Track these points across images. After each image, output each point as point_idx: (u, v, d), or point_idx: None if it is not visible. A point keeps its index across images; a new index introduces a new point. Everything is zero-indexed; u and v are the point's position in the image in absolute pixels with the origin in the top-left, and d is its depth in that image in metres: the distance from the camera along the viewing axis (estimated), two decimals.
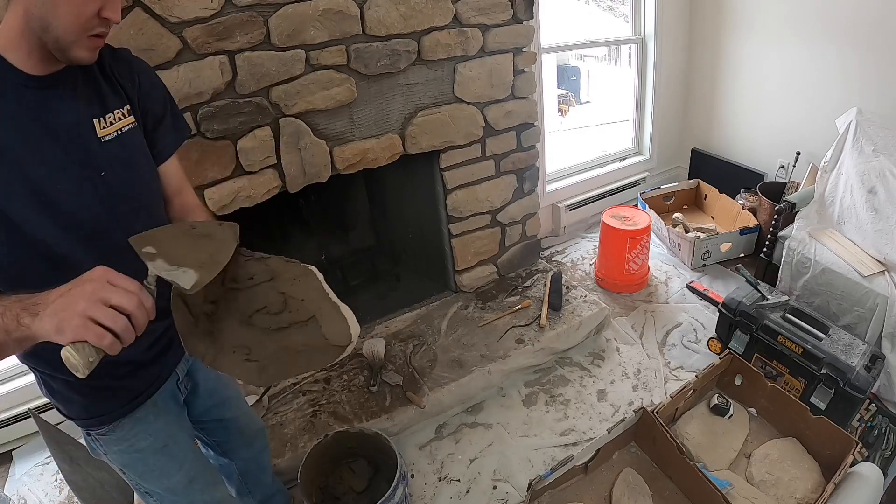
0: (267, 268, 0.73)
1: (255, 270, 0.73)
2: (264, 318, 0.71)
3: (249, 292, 0.72)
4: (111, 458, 0.97)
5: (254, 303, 0.72)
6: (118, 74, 0.85)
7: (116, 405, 0.91)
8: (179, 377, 1.04)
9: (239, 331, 0.70)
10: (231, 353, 0.70)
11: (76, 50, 0.72)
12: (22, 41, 0.71)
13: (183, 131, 0.99)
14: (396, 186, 2.32)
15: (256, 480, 1.37)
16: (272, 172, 1.70)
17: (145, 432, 0.96)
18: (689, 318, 2.39)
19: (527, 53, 2.05)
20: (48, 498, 1.82)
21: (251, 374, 0.70)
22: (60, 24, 0.69)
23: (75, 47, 0.72)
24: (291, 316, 0.70)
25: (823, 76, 2.55)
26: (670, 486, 1.56)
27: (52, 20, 0.69)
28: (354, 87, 1.71)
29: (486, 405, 2.00)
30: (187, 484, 1.04)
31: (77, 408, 0.90)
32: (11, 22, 0.70)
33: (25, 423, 1.98)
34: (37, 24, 0.69)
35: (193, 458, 1.08)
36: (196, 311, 0.70)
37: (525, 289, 2.37)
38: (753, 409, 1.78)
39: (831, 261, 2.09)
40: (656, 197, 3.10)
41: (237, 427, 1.25)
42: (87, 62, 0.75)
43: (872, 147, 2.13)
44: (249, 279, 0.73)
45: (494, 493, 1.68)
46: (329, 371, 1.98)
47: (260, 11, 1.48)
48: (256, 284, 0.72)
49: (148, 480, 1.01)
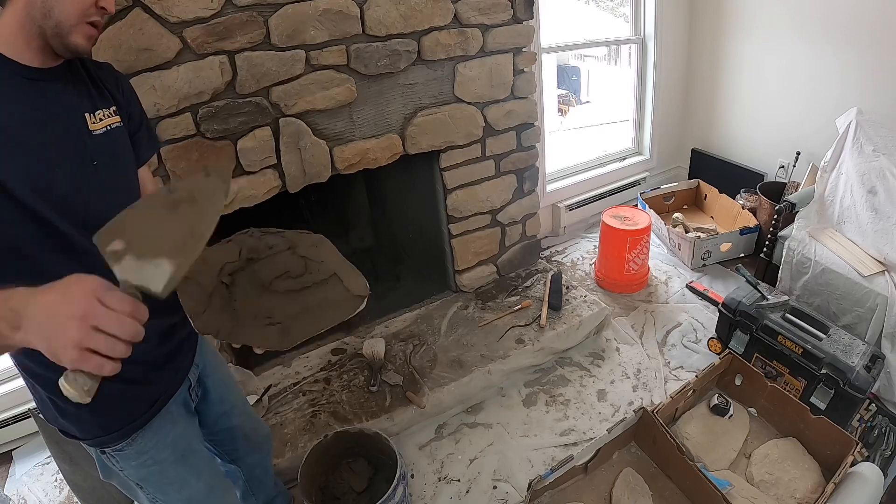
0: (284, 239, 0.81)
1: (274, 242, 0.80)
2: (286, 282, 0.75)
3: (269, 261, 0.77)
4: (127, 474, 0.94)
5: (274, 269, 0.76)
6: (103, 80, 0.89)
7: (132, 417, 0.89)
8: (191, 383, 1.03)
9: (260, 298, 0.74)
10: (252, 320, 0.73)
11: (74, 36, 0.75)
12: (21, 34, 0.73)
13: (156, 145, 1.04)
14: (396, 186, 2.32)
15: (260, 484, 1.37)
16: (272, 172, 1.70)
17: (163, 443, 0.94)
18: (689, 318, 2.39)
19: (527, 53, 2.05)
20: (48, 498, 1.82)
21: (273, 338, 0.73)
22: (62, 8, 0.73)
23: (74, 33, 0.75)
24: (313, 276, 0.77)
25: (823, 76, 2.55)
26: (670, 486, 1.56)
27: (55, 5, 0.73)
28: (354, 87, 1.71)
29: (486, 405, 2.00)
30: (207, 492, 1.03)
31: (91, 426, 0.87)
32: (9, 17, 0.73)
33: (25, 423, 1.98)
34: (38, 12, 0.72)
35: (210, 466, 1.08)
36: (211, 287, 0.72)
37: (525, 289, 2.37)
38: (753, 409, 1.78)
39: (831, 261, 2.09)
40: (656, 197, 3.10)
41: (244, 434, 1.24)
42: (82, 50, 0.78)
43: (872, 147, 2.13)
44: (269, 248, 0.78)
45: (494, 493, 1.68)
46: (329, 371, 1.98)
47: (260, 11, 1.48)
48: (277, 253, 0.79)
49: (167, 493, 0.98)
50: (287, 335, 0.74)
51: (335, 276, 0.78)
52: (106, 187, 0.82)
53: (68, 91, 0.80)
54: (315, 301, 0.75)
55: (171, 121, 1.46)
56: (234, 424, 1.20)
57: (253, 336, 0.73)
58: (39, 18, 0.73)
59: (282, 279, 0.77)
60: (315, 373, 1.98)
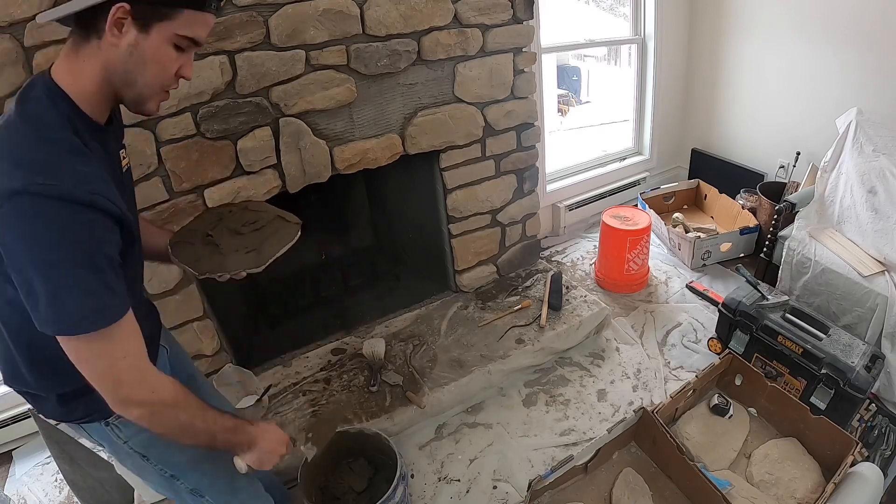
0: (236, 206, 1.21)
1: (230, 208, 1.19)
2: (248, 226, 1.11)
3: (232, 217, 1.14)
4: (132, 444, 0.98)
5: (238, 221, 1.13)
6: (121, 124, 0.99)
7: None
8: (168, 350, 1.14)
9: (234, 239, 1.08)
10: (234, 253, 1.05)
11: (151, 103, 0.83)
12: (97, 95, 0.78)
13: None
14: (396, 186, 2.32)
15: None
16: (272, 172, 1.70)
17: None
18: (689, 318, 2.39)
19: (527, 53, 2.05)
20: (48, 498, 1.82)
21: (252, 260, 1.04)
22: (146, 80, 0.78)
23: (151, 101, 0.82)
24: (264, 220, 1.13)
25: (823, 76, 2.55)
26: (670, 486, 1.56)
27: (139, 77, 0.78)
28: (354, 87, 1.71)
29: (486, 405, 2.00)
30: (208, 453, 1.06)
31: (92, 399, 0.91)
32: (88, 76, 0.76)
33: (25, 423, 1.98)
34: (119, 80, 0.77)
35: None
36: (199, 242, 1.07)
37: (525, 289, 2.37)
38: (753, 409, 1.78)
39: (831, 261, 2.09)
40: (656, 197, 3.10)
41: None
42: (152, 113, 0.85)
43: (872, 147, 2.13)
44: (229, 212, 1.17)
45: (494, 493, 1.68)
46: (329, 371, 1.98)
47: (260, 11, 1.48)
48: (236, 212, 1.16)
49: (173, 456, 1.02)
50: (261, 255, 1.05)
51: (278, 217, 1.15)
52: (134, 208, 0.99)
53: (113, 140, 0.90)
54: (271, 233, 1.10)
55: (171, 121, 1.47)
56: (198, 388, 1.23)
57: (237, 263, 1.03)
58: (119, 85, 0.78)
59: (245, 226, 1.11)
60: (315, 373, 1.98)
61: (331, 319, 2.28)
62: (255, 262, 1.04)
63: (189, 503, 1.09)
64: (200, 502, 1.10)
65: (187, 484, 1.06)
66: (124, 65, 0.76)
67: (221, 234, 1.09)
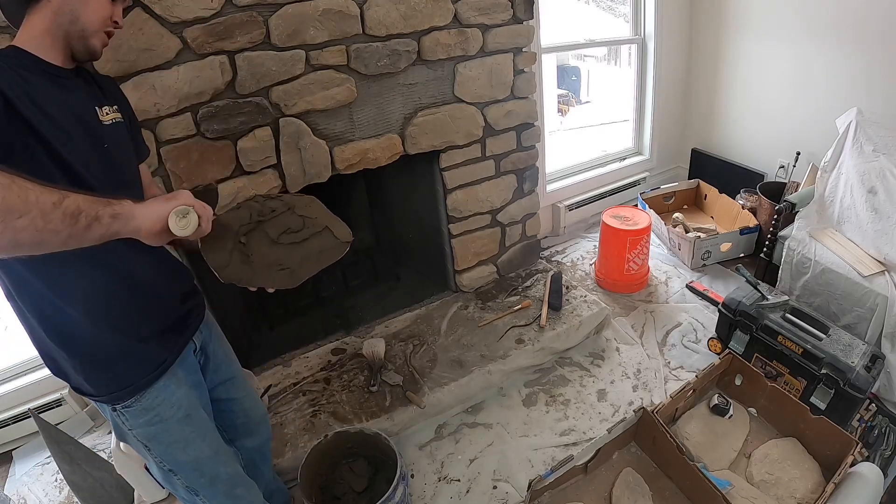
0: (283, 202, 1.03)
1: (275, 205, 1.02)
2: (289, 236, 0.98)
3: (274, 221, 0.99)
4: (136, 433, 1.01)
5: (279, 227, 0.98)
6: (107, 86, 1.03)
7: (141, 374, 0.97)
8: (196, 346, 1.11)
9: (270, 251, 0.96)
10: (266, 268, 0.94)
11: (94, 40, 0.91)
12: (47, 36, 0.87)
13: (147, 149, 1.18)
14: (396, 186, 2.32)
15: (258, 471, 1.39)
16: (272, 172, 1.70)
17: (168, 402, 1.01)
18: (689, 318, 2.39)
19: (527, 53, 2.05)
20: (48, 498, 1.82)
21: (285, 279, 0.95)
22: (88, 17, 0.89)
23: (94, 38, 0.91)
24: (309, 230, 0.99)
25: (823, 76, 2.55)
26: (670, 486, 1.56)
27: (82, 14, 0.88)
28: (354, 87, 1.71)
29: (486, 405, 2.00)
30: (213, 455, 1.10)
31: (106, 382, 0.95)
32: (37, 22, 0.86)
33: (25, 423, 1.98)
34: (66, 18, 0.87)
35: (215, 432, 1.14)
36: (230, 247, 0.94)
37: (525, 289, 2.37)
38: (753, 409, 1.78)
39: (831, 261, 2.09)
40: (656, 197, 3.10)
41: (242, 409, 1.29)
42: (97, 53, 0.94)
43: (872, 147, 2.13)
44: (272, 211, 1.00)
45: (494, 493, 1.68)
46: (329, 371, 1.98)
47: (260, 11, 1.48)
48: (279, 214, 1.00)
49: (175, 451, 1.04)
50: (294, 276, 0.95)
51: (326, 229, 1.01)
52: (115, 167, 0.95)
53: (80, 88, 0.94)
54: (313, 249, 0.98)
55: (172, 121, 1.47)
56: (234, 397, 1.25)
57: (268, 279, 0.93)
58: (66, 24, 0.87)
59: (286, 234, 0.98)
60: (315, 373, 1.98)
61: (331, 319, 2.28)
62: (286, 281, 0.94)
63: (184, 497, 1.13)
64: (195, 500, 1.12)
65: (184, 481, 1.09)
66: (71, 4, 0.86)
67: (257, 244, 0.96)
